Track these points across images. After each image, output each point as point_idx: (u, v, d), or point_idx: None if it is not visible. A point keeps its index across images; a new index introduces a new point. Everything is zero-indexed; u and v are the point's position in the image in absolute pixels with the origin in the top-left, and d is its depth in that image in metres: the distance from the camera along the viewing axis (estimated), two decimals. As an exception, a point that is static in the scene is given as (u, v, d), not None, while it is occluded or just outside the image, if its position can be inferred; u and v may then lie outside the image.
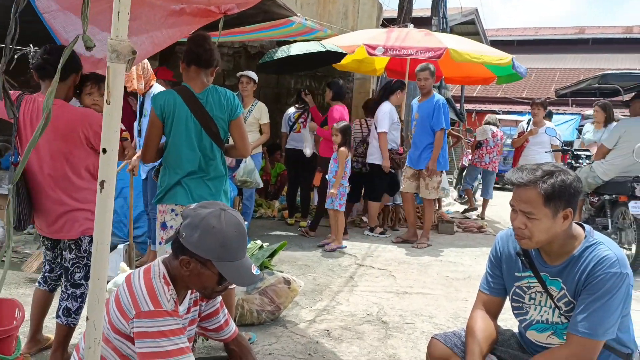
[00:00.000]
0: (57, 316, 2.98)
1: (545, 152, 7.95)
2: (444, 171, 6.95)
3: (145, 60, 4.80)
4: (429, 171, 6.62)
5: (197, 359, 2.68)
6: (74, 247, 2.98)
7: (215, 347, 3.31)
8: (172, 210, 3.13)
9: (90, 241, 2.95)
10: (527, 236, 2.00)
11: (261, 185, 6.29)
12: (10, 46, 1.58)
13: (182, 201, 3.09)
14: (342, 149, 6.24)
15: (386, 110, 7.04)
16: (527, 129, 8.48)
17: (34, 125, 2.89)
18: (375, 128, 7.11)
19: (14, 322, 2.43)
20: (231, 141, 3.32)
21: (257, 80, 6.56)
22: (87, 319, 1.61)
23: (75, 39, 1.55)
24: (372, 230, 7.37)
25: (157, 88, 4.94)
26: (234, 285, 3.27)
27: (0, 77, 1.64)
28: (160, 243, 3.18)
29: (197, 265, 1.90)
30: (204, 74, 3.17)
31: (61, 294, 3.02)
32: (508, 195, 2.34)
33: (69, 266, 3.00)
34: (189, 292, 2.08)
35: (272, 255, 4.07)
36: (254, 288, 3.81)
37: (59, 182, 2.90)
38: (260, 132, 6.63)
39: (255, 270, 1.98)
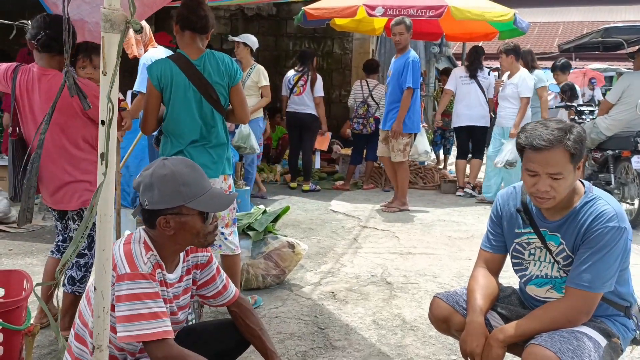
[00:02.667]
0: (63, 284, 3.03)
1: (552, 108, 7.82)
2: (416, 133, 6.64)
3: (146, 24, 4.71)
4: (392, 132, 6.28)
5: (203, 322, 2.74)
6: (76, 218, 3.00)
7: (222, 312, 3.36)
8: None
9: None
10: (552, 197, 1.98)
11: (258, 151, 6.17)
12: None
13: None
14: None
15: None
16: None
17: (30, 96, 2.86)
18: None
19: (23, 293, 2.46)
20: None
21: (248, 43, 6.40)
22: (95, 289, 1.63)
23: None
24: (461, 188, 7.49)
25: (151, 53, 4.86)
26: (238, 251, 3.32)
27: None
28: None
29: (175, 218, 1.89)
30: (199, 39, 3.10)
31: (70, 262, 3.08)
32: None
33: (73, 236, 3.02)
34: (181, 260, 2.07)
35: (275, 219, 4.09)
36: (259, 253, 3.85)
37: (57, 154, 2.89)
38: (261, 95, 6.57)
39: (229, 191, 2.01)
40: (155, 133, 3.29)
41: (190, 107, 3.06)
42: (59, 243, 3.17)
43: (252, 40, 6.45)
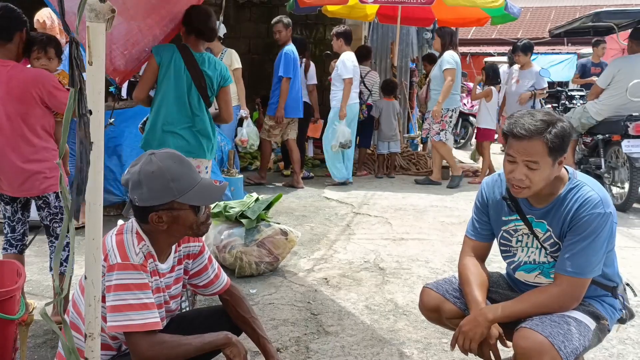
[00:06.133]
0: (50, 269, 3.14)
1: (529, 90, 7.63)
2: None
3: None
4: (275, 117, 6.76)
5: (195, 309, 2.76)
6: (43, 206, 3.06)
7: (216, 300, 3.37)
8: None
9: (57, 197, 3.05)
10: (527, 186, 2.01)
11: (256, 147, 6.53)
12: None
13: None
14: None
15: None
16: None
17: None
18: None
19: (16, 283, 2.47)
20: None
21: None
22: (85, 278, 1.65)
23: None
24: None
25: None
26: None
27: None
28: None
29: (166, 213, 1.89)
30: (201, 43, 3.50)
31: (50, 249, 3.18)
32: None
33: (48, 223, 3.10)
34: (173, 250, 2.08)
35: (268, 207, 4.09)
36: (252, 240, 3.86)
37: (18, 143, 2.93)
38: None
39: (219, 182, 2.02)
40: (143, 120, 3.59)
41: (180, 90, 3.37)
42: (9, 236, 3.13)
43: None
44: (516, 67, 7.74)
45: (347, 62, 6.84)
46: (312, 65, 7.54)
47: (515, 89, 7.55)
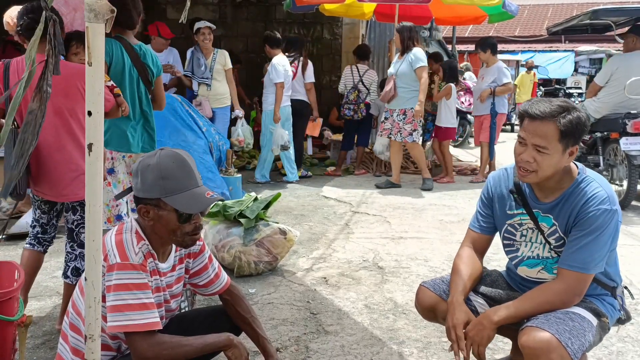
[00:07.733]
0: (66, 276, 3.00)
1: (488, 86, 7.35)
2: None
3: None
4: None
5: (195, 309, 2.75)
6: (78, 208, 2.95)
7: (215, 299, 3.37)
8: (123, 157, 3.42)
9: None
10: (534, 169, 2.01)
11: (251, 146, 6.69)
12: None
13: (129, 149, 3.40)
14: None
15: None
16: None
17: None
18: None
19: (14, 284, 2.46)
20: None
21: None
22: (85, 279, 1.64)
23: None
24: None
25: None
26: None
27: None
28: None
29: (153, 209, 1.90)
30: (130, 32, 3.41)
31: (67, 255, 3.03)
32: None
33: (73, 227, 2.98)
34: (174, 249, 2.08)
35: (266, 206, 4.09)
36: (251, 240, 3.86)
37: (63, 142, 2.84)
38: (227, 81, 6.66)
39: (211, 195, 1.94)
40: None
41: (132, 87, 3.34)
42: (39, 235, 3.07)
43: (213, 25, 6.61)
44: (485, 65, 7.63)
45: (277, 67, 6.86)
46: (310, 63, 7.54)
47: (479, 86, 7.51)
